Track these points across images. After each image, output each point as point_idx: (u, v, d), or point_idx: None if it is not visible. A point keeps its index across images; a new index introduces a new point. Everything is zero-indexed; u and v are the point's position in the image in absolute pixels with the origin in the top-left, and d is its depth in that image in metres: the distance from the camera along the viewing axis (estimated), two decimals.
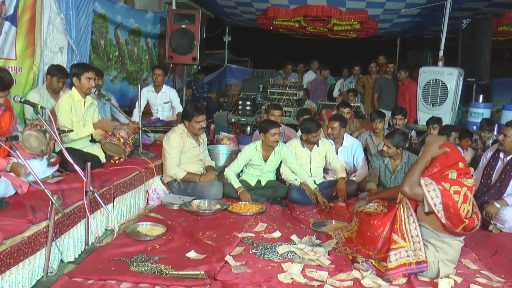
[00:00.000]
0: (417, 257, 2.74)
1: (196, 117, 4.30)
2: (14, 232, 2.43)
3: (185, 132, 4.39)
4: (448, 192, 2.60)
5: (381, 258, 2.86)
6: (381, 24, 8.46)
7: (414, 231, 2.77)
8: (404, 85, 6.97)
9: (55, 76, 4.24)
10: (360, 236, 3.06)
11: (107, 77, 6.34)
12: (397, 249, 2.75)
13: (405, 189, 2.68)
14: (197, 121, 4.32)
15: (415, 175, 2.69)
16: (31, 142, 3.08)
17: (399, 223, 2.79)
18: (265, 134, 4.38)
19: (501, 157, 3.94)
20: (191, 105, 4.47)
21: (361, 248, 3.00)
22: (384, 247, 2.85)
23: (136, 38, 7.03)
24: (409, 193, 2.68)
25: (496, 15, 6.97)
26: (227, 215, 3.95)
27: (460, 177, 2.70)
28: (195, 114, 4.30)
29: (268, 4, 7.70)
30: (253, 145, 4.55)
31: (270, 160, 4.56)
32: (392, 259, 2.74)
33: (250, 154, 4.53)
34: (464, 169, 2.75)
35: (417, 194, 2.66)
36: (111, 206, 3.56)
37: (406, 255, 2.75)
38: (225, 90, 10.47)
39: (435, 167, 2.74)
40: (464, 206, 2.65)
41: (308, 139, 4.58)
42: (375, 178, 4.39)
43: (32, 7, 4.41)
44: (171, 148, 4.31)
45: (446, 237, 2.77)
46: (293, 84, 6.76)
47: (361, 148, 5.02)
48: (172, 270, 2.76)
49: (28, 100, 3.16)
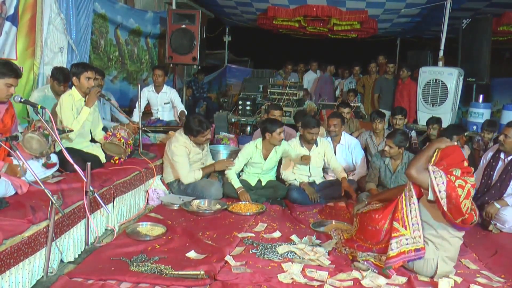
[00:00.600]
0: (416, 244, 2.76)
1: (202, 133, 4.26)
2: (14, 232, 2.43)
3: (188, 141, 4.34)
4: (453, 184, 2.64)
5: (382, 249, 2.88)
6: (381, 24, 8.46)
7: (414, 219, 2.80)
8: (404, 84, 6.97)
9: (56, 80, 4.27)
10: (361, 232, 3.08)
11: (107, 77, 6.34)
12: (398, 237, 2.78)
13: (412, 172, 2.70)
14: (203, 136, 4.30)
15: (422, 159, 2.74)
16: (32, 144, 3.08)
17: (400, 211, 2.83)
18: (271, 133, 4.38)
19: (501, 157, 3.95)
20: (196, 120, 4.27)
21: (362, 243, 3.01)
22: (385, 238, 2.87)
23: (136, 38, 7.03)
24: (415, 176, 2.71)
25: (496, 15, 6.97)
26: (227, 215, 3.95)
27: (463, 175, 2.74)
28: (201, 131, 4.24)
29: (268, 4, 7.70)
30: (253, 143, 4.55)
31: (270, 157, 4.56)
32: (394, 247, 2.76)
33: (250, 152, 4.53)
34: (467, 167, 2.80)
35: (422, 178, 2.69)
36: (111, 206, 3.56)
37: (406, 242, 2.77)
38: (225, 90, 10.47)
39: (441, 165, 2.75)
40: (465, 201, 2.68)
41: (305, 135, 4.58)
42: (375, 179, 4.40)
43: (33, 7, 4.41)
44: (179, 157, 4.24)
45: (445, 234, 2.79)
46: (293, 84, 6.76)
47: (359, 147, 5.03)
48: (172, 270, 2.76)
49: (28, 100, 3.16)
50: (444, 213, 2.67)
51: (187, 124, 4.31)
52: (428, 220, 2.82)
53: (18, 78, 3.04)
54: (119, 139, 3.97)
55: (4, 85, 2.92)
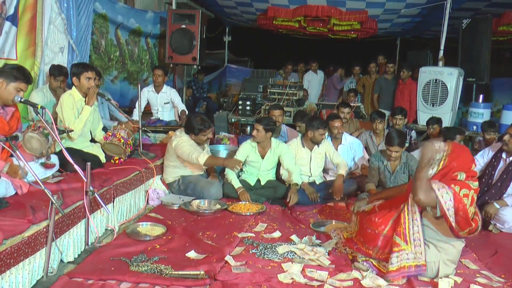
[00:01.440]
0: (417, 261, 2.73)
1: (204, 131, 4.28)
2: (14, 232, 2.43)
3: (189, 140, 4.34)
4: (459, 196, 2.61)
5: (381, 258, 2.86)
6: (381, 24, 8.46)
7: (416, 234, 2.75)
8: (404, 83, 6.97)
9: (52, 75, 4.28)
10: (360, 234, 3.06)
11: (108, 77, 6.35)
12: (399, 252, 2.74)
13: (420, 198, 2.63)
14: (204, 134, 4.31)
15: (423, 182, 2.64)
16: (32, 144, 3.08)
17: (403, 226, 2.77)
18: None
19: (503, 157, 3.93)
20: (198, 118, 4.31)
21: (361, 246, 3.00)
22: (385, 247, 2.84)
23: (137, 38, 7.03)
24: (424, 201, 2.65)
25: (496, 15, 6.97)
26: (227, 215, 3.95)
27: (468, 179, 2.70)
28: (203, 129, 4.26)
29: (268, 4, 7.70)
30: (248, 142, 4.57)
31: (268, 157, 4.56)
32: (394, 261, 2.73)
33: (247, 151, 4.53)
34: (472, 171, 2.76)
35: (430, 200, 2.63)
36: (111, 206, 3.56)
37: (407, 258, 2.74)
38: (225, 90, 10.46)
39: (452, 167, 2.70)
40: (470, 209, 2.67)
41: (314, 137, 4.56)
42: (374, 179, 4.39)
43: (33, 7, 4.41)
44: (183, 147, 4.20)
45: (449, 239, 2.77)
46: (293, 84, 6.76)
47: (361, 147, 5.03)
48: (172, 270, 2.76)
49: (28, 100, 3.17)
50: (451, 228, 2.64)
51: (188, 123, 4.32)
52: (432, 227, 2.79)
53: (29, 84, 3.08)
54: (119, 139, 3.97)
55: (15, 89, 2.95)
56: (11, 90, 2.94)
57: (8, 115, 3.05)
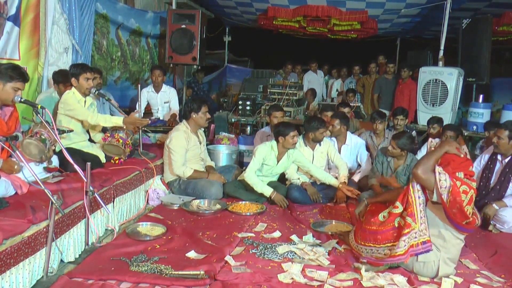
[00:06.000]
0: (422, 237, 2.75)
1: (204, 107, 4.42)
2: (14, 232, 2.43)
3: (188, 130, 4.41)
4: (458, 189, 2.64)
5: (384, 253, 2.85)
6: (381, 24, 8.46)
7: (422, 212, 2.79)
8: (404, 83, 6.97)
9: (61, 83, 4.29)
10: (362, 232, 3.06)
11: (111, 78, 6.34)
12: (410, 233, 2.74)
13: (418, 172, 2.70)
14: (204, 112, 4.42)
15: (430, 160, 2.73)
16: (31, 150, 3.06)
17: (412, 205, 2.79)
18: (284, 137, 4.30)
19: (499, 159, 3.93)
20: (193, 99, 4.60)
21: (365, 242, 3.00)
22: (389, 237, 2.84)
23: (137, 38, 7.03)
24: (421, 176, 2.70)
25: (496, 15, 6.97)
26: (227, 215, 3.95)
27: (466, 177, 2.74)
28: (203, 105, 4.41)
29: (268, 4, 7.70)
30: (268, 144, 4.44)
31: (282, 162, 4.49)
32: (401, 245, 2.73)
33: (266, 152, 4.39)
34: (470, 171, 2.80)
35: (429, 180, 2.68)
36: (111, 206, 3.56)
37: (415, 236, 2.76)
38: (225, 90, 10.46)
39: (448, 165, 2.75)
40: (467, 207, 2.68)
41: (316, 137, 4.56)
42: (377, 174, 4.41)
43: (36, 7, 4.39)
44: (176, 147, 4.29)
45: (448, 235, 2.78)
46: (293, 84, 6.77)
47: (364, 147, 5.03)
48: (172, 270, 2.76)
49: (28, 100, 3.16)
50: (448, 214, 2.67)
51: (185, 107, 4.51)
52: (432, 218, 2.81)
53: (26, 82, 3.06)
54: (117, 140, 3.96)
55: (12, 89, 2.93)
56: (8, 90, 2.92)
57: (6, 116, 3.04)
